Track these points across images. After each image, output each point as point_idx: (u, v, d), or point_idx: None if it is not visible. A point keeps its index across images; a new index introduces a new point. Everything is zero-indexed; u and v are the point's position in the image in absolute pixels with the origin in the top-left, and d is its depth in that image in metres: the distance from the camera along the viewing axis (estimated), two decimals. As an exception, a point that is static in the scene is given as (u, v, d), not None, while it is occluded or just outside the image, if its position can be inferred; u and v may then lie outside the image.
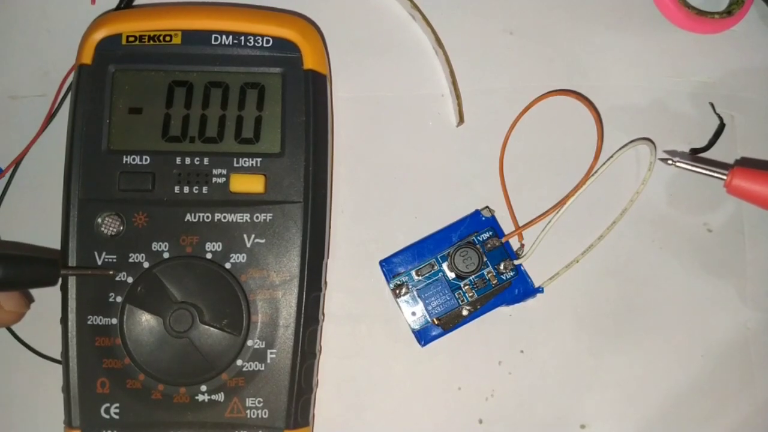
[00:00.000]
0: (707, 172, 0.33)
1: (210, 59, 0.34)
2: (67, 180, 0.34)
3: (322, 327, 0.35)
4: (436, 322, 0.36)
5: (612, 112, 0.39)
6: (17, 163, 0.37)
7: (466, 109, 0.38)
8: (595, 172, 0.36)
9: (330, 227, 0.36)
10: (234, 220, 0.33)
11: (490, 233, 0.37)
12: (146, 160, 0.34)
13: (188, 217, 0.33)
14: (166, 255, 0.33)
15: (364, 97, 0.39)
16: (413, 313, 0.36)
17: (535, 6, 0.40)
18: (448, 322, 0.36)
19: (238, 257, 0.33)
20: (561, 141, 0.38)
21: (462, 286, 0.36)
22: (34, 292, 0.36)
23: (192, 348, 0.32)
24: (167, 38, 0.34)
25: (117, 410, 0.32)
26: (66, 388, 0.32)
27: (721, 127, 0.39)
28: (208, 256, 0.33)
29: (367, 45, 0.39)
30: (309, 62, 0.35)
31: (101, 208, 0.33)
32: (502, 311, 0.37)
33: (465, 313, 0.36)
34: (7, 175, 0.37)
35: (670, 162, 0.34)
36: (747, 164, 0.34)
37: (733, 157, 0.39)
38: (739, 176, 0.31)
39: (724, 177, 0.32)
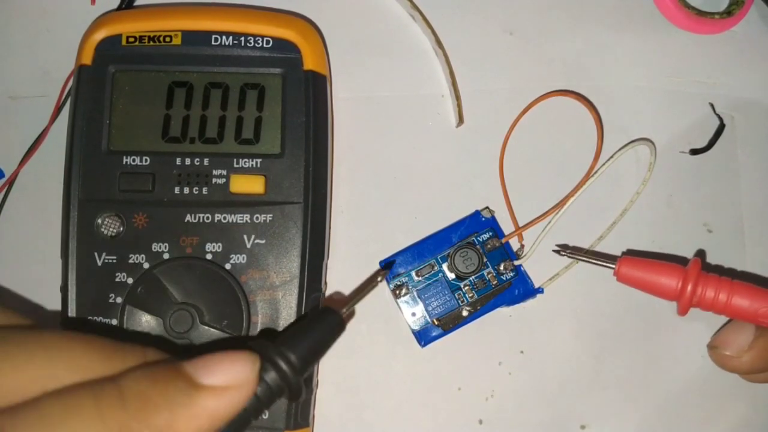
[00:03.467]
0: (597, 263, 0.34)
1: (210, 60, 0.34)
2: (67, 180, 0.34)
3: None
4: (436, 322, 0.36)
5: (612, 112, 0.39)
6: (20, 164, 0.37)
7: (466, 109, 0.38)
8: (595, 172, 0.36)
9: (330, 227, 0.36)
10: (234, 220, 0.33)
11: (490, 234, 0.37)
12: (146, 160, 0.34)
13: (188, 217, 0.33)
14: (166, 256, 0.33)
15: (364, 98, 0.39)
16: (413, 314, 0.36)
17: (535, 6, 0.40)
18: (448, 322, 0.36)
19: (238, 258, 0.33)
20: (561, 141, 0.38)
21: (462, 286, 0.36)
22: (34, 292, 0.36)
23: (192, 349, 0.32)
24: (167, 39, 0.34)
25: (117, 411, 0.32)
26: (66, 389, 0.32)
27: (721, 128, 0.39)
28: (208, 256, 0.33)
29: (367, 45, 0.39)
30: (309, 63, 0.35)
31: (101, 208, 0.33)
32: (502, 312, 0.37)
33: (465, 313, 0.36)
34: (8, 175, 0.37)
35: (563, 253, 0.35)
36: (635, 254, 0.36)
37: (733, 158, 0.39)
38: (626, 265, 0.33)
39: (613, 267, 0.33)
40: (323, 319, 0.27)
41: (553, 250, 0.36)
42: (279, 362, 0.24)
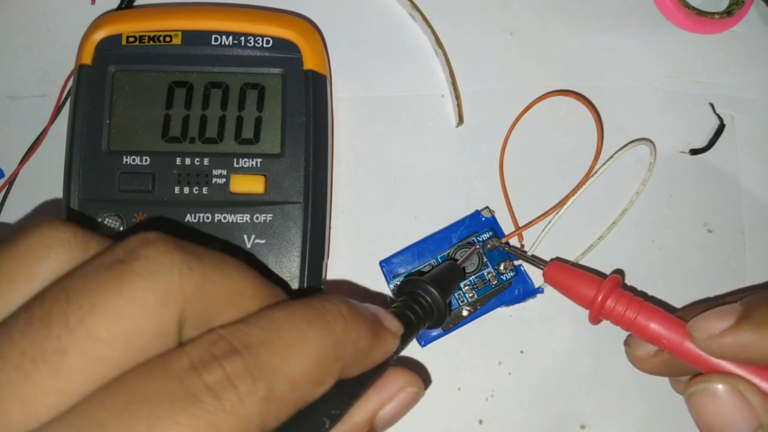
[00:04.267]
0: (531, 262, 0.36)
1: (210, 60, 0.35)
2: (67, 180, 0.34)
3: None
4: (436, 322, 0.36)
5: (612, 112, 0.39)
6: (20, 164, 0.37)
7: (466, 109, 0.38)
8: (595, 172, 0.36)
9: (330, 227, 0.36)
10: (234, 220, 0.33)
11: (490, 234, 0.37)
12: (146, 160, 0.34)
13: (188, 217, 0.33)
14: (166, 255, 0.33)
15: (364, 98, 0.39)
16: (413, 314, 0.36)
17: (535, 6, 0.40)
18: (448, 322, 0.36)
19: (238, 258, 0.33)
20: (561, 141, 0.38)
21: (462, 286, 0.36)
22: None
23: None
24: (167, 39, 0.34)
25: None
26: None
27: (721, 128, 0.39)
28: (208, 256, 0.33)
29: (367, 45, 0.39)
30: (309, 63, 0.35)
31: (101, 208, 0.33)
32: (502, 312, 0.37)
33: (465, 313, 0.36)
34: (8, 175, 0.37)
35: (504, 249, 0.36)
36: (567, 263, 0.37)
37: (733, 158, 0.39)
38: (552, 269, 0.34)
39: (542, 268, 0.35)
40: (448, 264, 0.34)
41: (501, 244, 0.36)
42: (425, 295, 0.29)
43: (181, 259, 0.19)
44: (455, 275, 0.33)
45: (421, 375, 0.25)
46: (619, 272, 0.37)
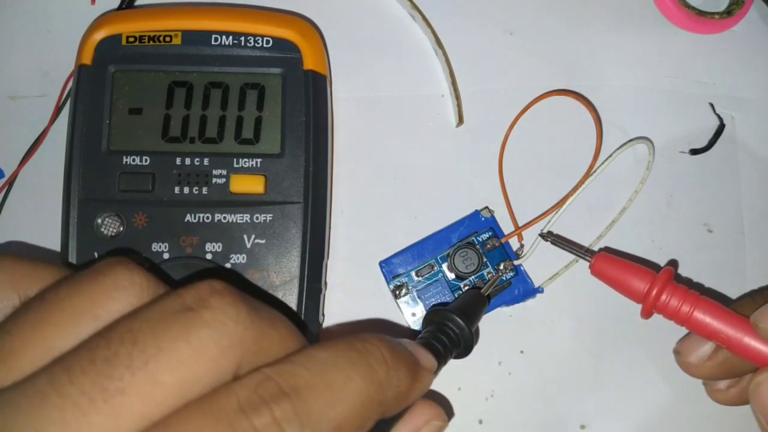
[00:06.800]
0: (576, 254, 0.35)
1: (210, 60, 0.35)
2: (67, 180, 0.34)
3: (322, 328, 0.35)
4: (436, 322, 0.36)
5: (611, 112, 0.39)
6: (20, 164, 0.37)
7: (465, 109, 0.38)
8: (594, 171, 0.36)
9: (330, 227, 0.36)
10: (234, 220, 0.33)
11: (490, 234, 0.37)
12: (146, 160, 0.34)
13: (188, 217, 0.33)
14: (166, 256, 0.33)
15: (364, 98, 0.39)
16: (413, 314, 0.36)
17: (535, 6, 0.40)
18: (448, 322, 0.36)
19: (238, 258, 0.33)
20: (560, 141, 0.38)
21: (462, 286, 0.36)
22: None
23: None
24: (167, 39, 0.35)
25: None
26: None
27: (721, 128, 0.39)
28: (208, 256, 0.33)
29: (367, 45, 0.39)
30: (309, 63, 0.35)
31: (101, 208, 0.33)
32: (502, 311, 0.37)
33: (465, 313, 0.36)
34: (8, 175, 0.37)
35: (547, 239, 0.36)
36: (627, 256, 0.36)
37: (733, 158, 0.39)
38: (601, 261, 0.33)
39: (589, 259, 0.34)
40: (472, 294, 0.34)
41: (539, 234, 0.36)
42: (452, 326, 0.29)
43: (246, 312, 0.19)
44: (480, 304, 0.33)
45: (444, 407, 0.26)
46: (672, 263, 0.37)
